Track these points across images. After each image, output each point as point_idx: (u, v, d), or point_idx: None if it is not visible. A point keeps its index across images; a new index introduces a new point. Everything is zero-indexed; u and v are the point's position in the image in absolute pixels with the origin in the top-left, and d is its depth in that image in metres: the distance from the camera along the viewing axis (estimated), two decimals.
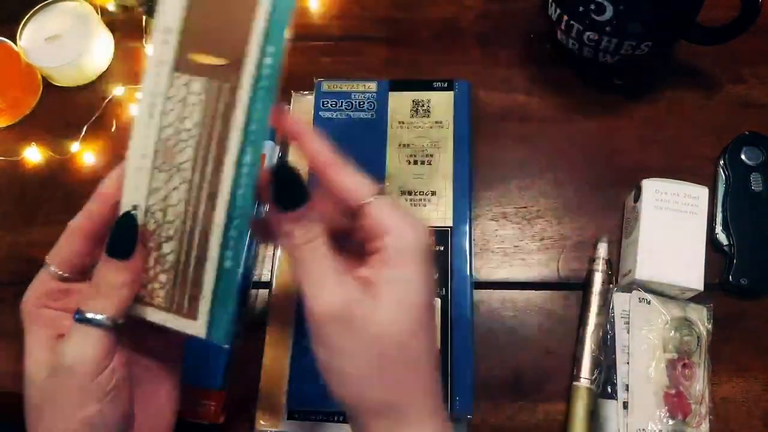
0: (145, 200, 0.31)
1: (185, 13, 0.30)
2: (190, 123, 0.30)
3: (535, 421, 0.46)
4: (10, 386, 0.50)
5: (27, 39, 0.58)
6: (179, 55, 0.30)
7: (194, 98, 0.30)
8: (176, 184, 0.31)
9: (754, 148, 0.51)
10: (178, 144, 0.31)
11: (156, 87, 0.30)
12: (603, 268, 0.48)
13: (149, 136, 0.31)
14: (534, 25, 0.58)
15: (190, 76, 0.30)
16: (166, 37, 0.30)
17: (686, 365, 0.44)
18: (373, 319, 0.29)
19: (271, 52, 0.29)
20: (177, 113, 0.30)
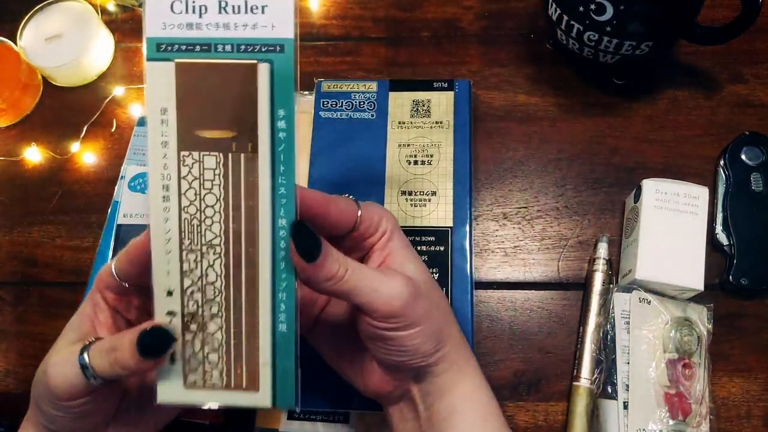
0: (180, 284, 0.30)
1: (178, 90, 0.29)
2: (212, 199, 0.29)
3: (535, 421, 0.46)
4: (10, 386, 0.50)
5: (27, 39, 0.58)
6: (183, 133, 0.29)
7: (210, 174, 0.29)
8: (210, 261, 0.30)
9: (755, 148, 0.50)
10: (204, 222, 0.30)
11: (165, 169, 0.29)
12: (603, 268, 0.48)
13: (170, 218, 0.30)
14: (534, 25, 0.58)
15: (200, 152, 0.29)
16: (163, 117, 0.29)
17: (686, 365, 0.44)
18: (420, 283, 0.33)
19: (283, 115, 0.28)
20: (195, 191, 0.30)
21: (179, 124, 0.29)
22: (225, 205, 0.29)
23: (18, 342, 0.51)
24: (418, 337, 0.32)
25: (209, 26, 0.28)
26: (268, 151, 0.29)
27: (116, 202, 0.52)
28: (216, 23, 0.28)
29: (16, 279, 0.53)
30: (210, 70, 0.28)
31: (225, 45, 0.28)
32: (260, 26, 0.28)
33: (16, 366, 0.50)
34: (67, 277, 0.52)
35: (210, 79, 0.28)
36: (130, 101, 0.58)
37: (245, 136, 0.29)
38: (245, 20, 0.28)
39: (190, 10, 0.28)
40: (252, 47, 0.28)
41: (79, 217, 0.54)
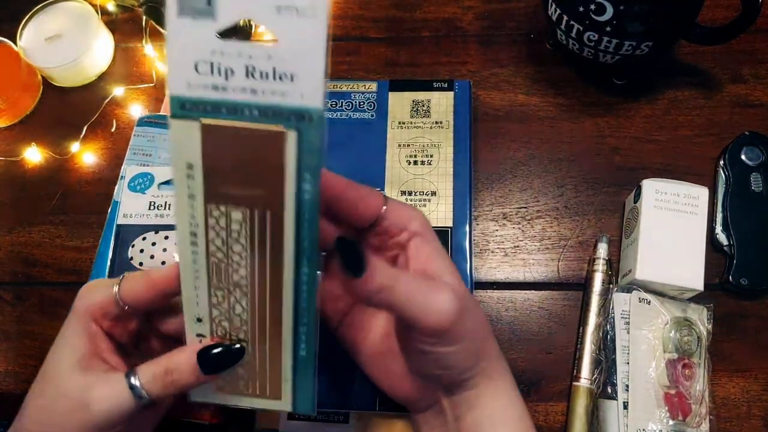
0: (208, 313, 0.32)
1: (204, 149, 0.28)
2: (238, 247, 0.30)
3: (536, 422, 0.46)
4: (10, 386, 0.50)
5: (27, 39, 0.58)
6: (209, 188, 0.29)
7: (237, 226, 0.30)
8: (237, 297, 0.32)
9: (754, 148, 0.50)
10: (231, 265, 0.31)
11: (193, 218, 0.30)
12: (603, 268, 0.48)
13: (198, 260, 0.31)
14: (534, 25, 0.58)
15: (226, 206, 0.29)
16: (189, 171, 0.29)
17: (686, 365, 0.44)
18: (465, 295, 0.32)
19: (309, 178, 0.28)
20: (222, 240, 0.30)
21: (205, 180, 0.29)
22: (251, 253, 0.30)
23: (17, 342, 0.51)
24: (460, 353, 0.31)
25: (235, 90, 0.27)
26: (293, 209, 0.29)
27: (116, 203, 0.52)
28: (243, 87, 0.27)
29: (16, 279, 0.53)
30: (237, 133, 0.28)
31: (252, 109, 0.27)
32: (289, 94, 0.27)
33: (16, 366, 0.50)
34: (67, 278, 0.52)
35: (237, 142, 0.28)
36: (130, 101, 0.58)
37: (271, 195, 0.29)
38: (273, 87, 0.27)
39: (215, 72, 0.27)
40: (280, 114, 0.27)
41: (79, 217, 0.54)
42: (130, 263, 0.49)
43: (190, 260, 0.31)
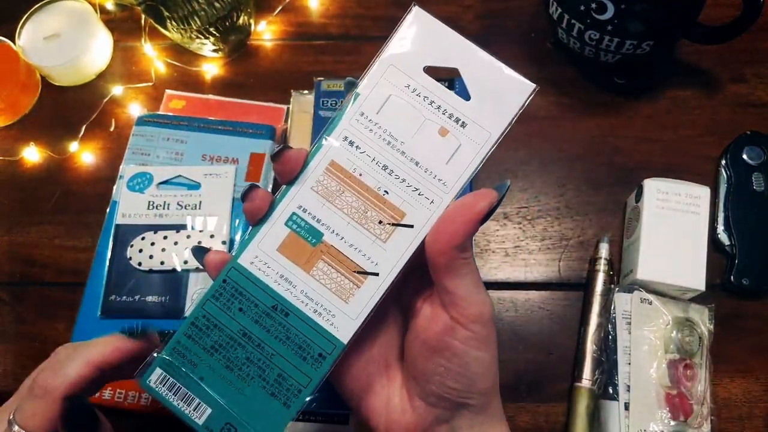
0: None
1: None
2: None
3: (536, 422, 0.46)
4: (9, 386, 0.50)
5: (26, 38, 0.58)
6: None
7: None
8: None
9: (756, 148, 0.50)
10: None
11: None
12: (604, 268, 0.48)
13: None
14: (535, 24, 0.58)
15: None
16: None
17: (688, 366, 0.43)
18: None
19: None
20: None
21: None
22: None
23: (16, 342, 0.51)
24: (484, 361, 0.31)
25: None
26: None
27: (115, 202, 0.52)
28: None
29: (15, 279, 0.53)
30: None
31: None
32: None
33: (15, 366, 0.50)
34: (66, 278, 0.52)
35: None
36: (129, 101, 0.58)
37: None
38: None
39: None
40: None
41: (78, 217, 0.54)
42: (129, 263, 0.49)
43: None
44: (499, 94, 0.29)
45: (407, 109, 0.29)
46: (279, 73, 0.58)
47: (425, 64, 0.29)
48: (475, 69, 0.29)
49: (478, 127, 0.29)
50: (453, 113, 0.29)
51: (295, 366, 0.29)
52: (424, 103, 0.29)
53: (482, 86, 0.29)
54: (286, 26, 0.60)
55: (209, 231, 0.49)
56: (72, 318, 0.49)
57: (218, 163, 0.52)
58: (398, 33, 0.30)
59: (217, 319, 0.29)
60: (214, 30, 0.55)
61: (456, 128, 0.29)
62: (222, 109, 0.56)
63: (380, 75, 0.29)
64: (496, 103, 0.29)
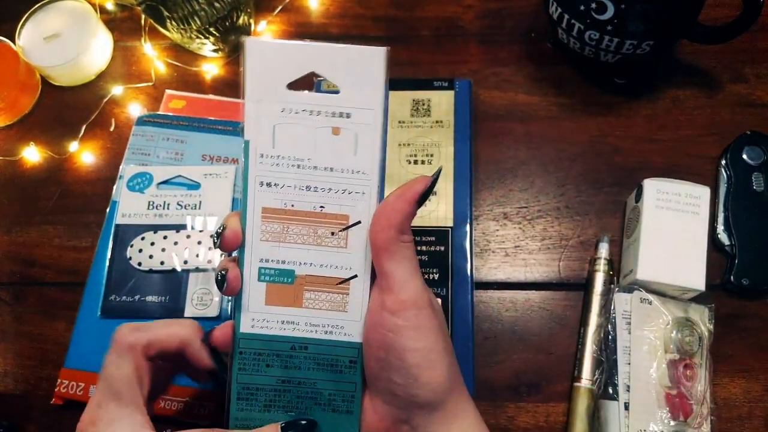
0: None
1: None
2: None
3: (536, 422, 0.46)
4: (9, 386, 0.50)
5: (26, 38, 0.58)
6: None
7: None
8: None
9: (756, 148, 0.50)
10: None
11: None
12: (604, 268, 0.48)
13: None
14: (535, 24, 0.58)
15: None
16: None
17: (687, 366, 0.43)
18: (440, 309, 0.32)
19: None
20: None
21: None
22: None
23: (16, 342, 0.51)
24: (422, 351, 0.30)
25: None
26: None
27: (115, 202, 0.52)
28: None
29: (15, 279, 0.53)
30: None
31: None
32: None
33: (15, 366, 0.50)
34: (66, 278, 0.52)
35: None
36: (129, 101, 0.58)
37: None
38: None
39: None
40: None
41: (78, 217, 0.54)
42: (129, 263, 0.49)
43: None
44: (360, 71, 0.29)
45: (295, 129, 0.30)
46: None
47: (285, 83, 0.30)
48: (329, 62, 0.30)
49: (361, 110, 0.30)
50: (334, 111, 0.30)
51: (337, 381, 0.31)
52: (305, 116, 0.30)
53: (343, 74, 0.30)
54: (286, 26, 0.60)
55: (209, 231, 0.49)
56: (72, 318, 0.49)
57: (218, 163, 0.52)
58: (247, 69, 0.30)
59: (254, 383, 0.32)
60: (214, 30, 0.55)
61: (344, 122, 0.30)
62: (222, 109, 0.56)
63: (255, 114, 0.30)
64: (362, 82, 0.29)
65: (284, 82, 0.30)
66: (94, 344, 0.47)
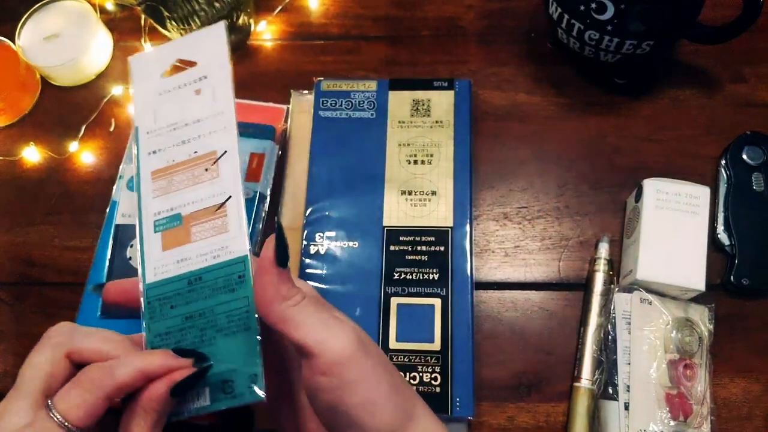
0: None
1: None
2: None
3: (536, 422, 0.46)
4: (8, 387, 0.50)
5: (26, 38, 0.58)
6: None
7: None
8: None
9: (756, 148, 0.50)
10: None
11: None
12: (604, 268, 0.48)
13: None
14: (535, 24, 0.58)
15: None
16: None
17: (687, 366, 0.43)
18: (370, 342, 0.31)
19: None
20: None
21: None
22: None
23: (16, 342, 0.51)
24: (370, 405, 0.29)
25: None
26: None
27: (114, 202, 0.52)
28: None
29: (14, 279, 0.53)
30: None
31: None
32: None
33: (14, 366, 0.50)
34: (66, 278, 0.52)
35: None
36: (129, 101, 0.58)
37: None
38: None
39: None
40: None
41: (77, 217, 0.54)
42: (129, 263, 0.49)
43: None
44: (209, 44, 0.36)
45: (168, 104, 0.36)
46: (279, 73, 0.58)
47: (159, 74, 0.37)
48: (186, 49, 0.37)
49: (211, 68, 0.36)
50: (195, 78, 0.36)
51: (231, 301, 0.33)
52: (176, 92, 0.37)
53: (197, 51, 0.37)
54: (286, 26, 0.60)
55: None
56: (72, 318, 0.49)
57: None
58: (132, 74, 0.39)
59: (164, 329, 0.33)
60: None
61: (203, 83, 0.36)
62: None
63: (140, 104, 0.37)
64: (212, 51, 0.36)
65: (159, 74, 0.37)
66: None
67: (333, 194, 0.50)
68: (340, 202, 0.50)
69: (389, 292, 0.47)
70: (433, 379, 0.44)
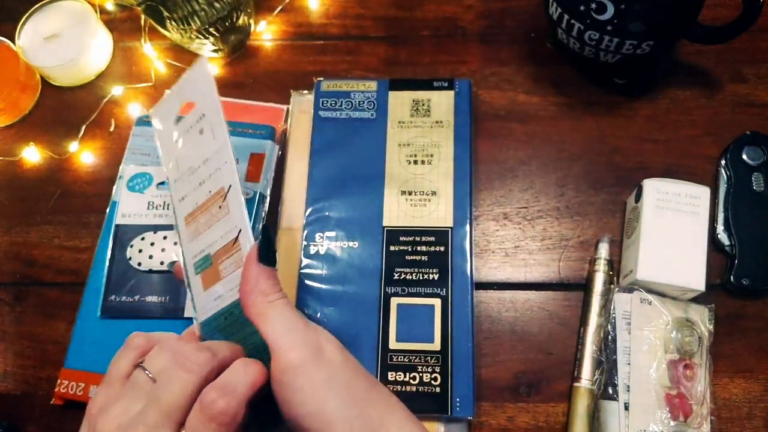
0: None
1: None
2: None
3: (536, 423, 0.46)
4: (9, 387, 0.50)
5: (25, 38, 0.58)
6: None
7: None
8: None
9: (756, 148, 0.50)
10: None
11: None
12: (604, 268, 0.48)
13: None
14: (535, 24, 0.58)
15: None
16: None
17: (687, 366, 0.43)
18: (338, 354, 0.32)
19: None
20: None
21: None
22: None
23: (16, 342, 0.51)
24: (318, 418, 0.29)
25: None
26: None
27: (114, 202, 0.52)
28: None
29: (14, 279, 0.53)
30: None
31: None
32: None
33: (15, 367, 0.50)
34: (66, 278, 0.52)
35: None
36: (129, 101, 0.58)
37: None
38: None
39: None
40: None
41: (78, 217, 0.54)
42: (129, 263, 0.49)
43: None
44: (198, 83, 0.38)
45: (183, 149, 0.39)
46: (279, 74, 0.58)
47: (173, 121, 0.40)
48: (185, 90, 0.40)
49: (205, 106, 0.38)
50: (196, 120, 0.38)
51: (255, 333, 0.33)
52: (190, 135, 0.39)
53: (193, 91, 0.39)
54: (286, 26, 0.60)
55: None
56: (72, 318, 0.49)
57: None
58: (155, 127, 0.42)
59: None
60: (214, 30, 0.55)
61: (202, 122, 0.38)
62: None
63: (165, 152, 0.41)
64: (202, 88, 0.38)
65: (172, 122, 0.40)
66: (94, 344, 0.47)
67: (333, 194, 0.50)
68: (340, 202, 0.50)
69: (389, 292, 0.47)
70: (433, 380, 0.44)
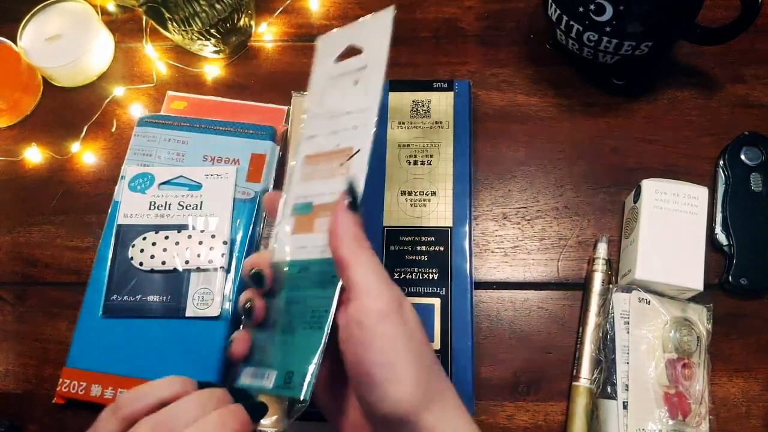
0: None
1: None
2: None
3: (535, 421, 0.46)
4: (10, 386, 0.50)
5: (27, 39, 0.58)
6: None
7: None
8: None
9: (754, 149, 0.51)
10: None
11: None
12: (603, 268, 0.48)
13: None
14: (534, 26, 0.58)
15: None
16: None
17: (686, 365, 0.44)
18: (414, 318, 0.31)
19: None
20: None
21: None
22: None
23: (18, 342, 0.51)
24: (388, 363, 0.28)
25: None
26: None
27: (116, 202, 0.52)
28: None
29: (16, 279, 0.53)
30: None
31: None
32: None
33: (17, 366, 0.51)
34: (67, 277, 0.53)
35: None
36: (130, 101, 0.58)
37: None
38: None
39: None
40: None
41: (79, 217, 0.54)
42: (131, 263, 0.49)
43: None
44: (375, 32, 0.36)
45: (333, 89, 0.38)
46: (280, 75, 0.58)
47: (333, 59, 0.39)
48: (356, 35, 0.38)
49: (371, 58, 0.36)
50: (356, 68, 0.37)
51: (320, 297, 0.33)
52: (342, 79, 0.37)
53: (365, 38, 0.37)
54: (286, 27, 0.61)
55: (210, 231, 0.50)
56: (73, 318, 0.49)
57: (219, 163, 0.53)
58: (316, 56, 0.40)
59: (270, 305, 0.35)
60: (215, 31, 0.55)
61: (361, 73, 0.36)
62: (223, 110, 0.56)
63: (316, 84, 0.39)
64: (376, 39, 0.36)
65: (333, 58, 0.38)
66: (96, 344, 0.47)
67: None
68: None
69: None
70: None
